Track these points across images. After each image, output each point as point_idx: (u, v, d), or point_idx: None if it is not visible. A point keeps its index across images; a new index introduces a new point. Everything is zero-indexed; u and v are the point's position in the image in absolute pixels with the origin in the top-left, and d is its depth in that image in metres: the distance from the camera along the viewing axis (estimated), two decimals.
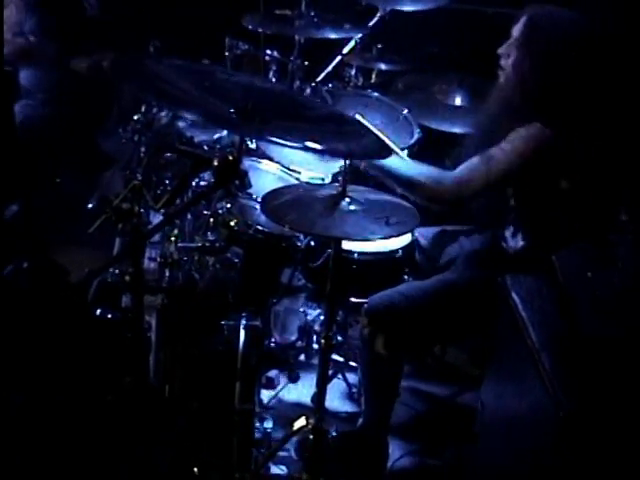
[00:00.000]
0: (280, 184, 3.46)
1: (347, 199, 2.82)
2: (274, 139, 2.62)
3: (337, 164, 3.41)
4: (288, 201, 2.90)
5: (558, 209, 3.05)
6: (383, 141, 3.02)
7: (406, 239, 3.50)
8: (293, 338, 3.96)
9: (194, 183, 3.29)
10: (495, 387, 2.73)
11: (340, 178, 2.87)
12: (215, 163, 2.56)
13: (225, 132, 3.66)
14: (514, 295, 2.52)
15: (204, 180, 3.32)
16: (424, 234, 3.60)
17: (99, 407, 2.86)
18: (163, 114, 3.38)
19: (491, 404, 2.72)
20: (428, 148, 3.96)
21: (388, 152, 2.90)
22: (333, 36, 4.07)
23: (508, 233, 3.25)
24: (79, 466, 2.70)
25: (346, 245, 3.34)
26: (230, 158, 2.57)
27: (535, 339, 2.36)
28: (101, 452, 2.84)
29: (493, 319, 2.78)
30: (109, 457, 2.85)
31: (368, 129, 2.92)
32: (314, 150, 2.65)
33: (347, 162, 2.81)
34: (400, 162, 3.11)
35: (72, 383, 2.67)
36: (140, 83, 2.51)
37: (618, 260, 2.46)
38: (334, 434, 3.43)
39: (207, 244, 3.12)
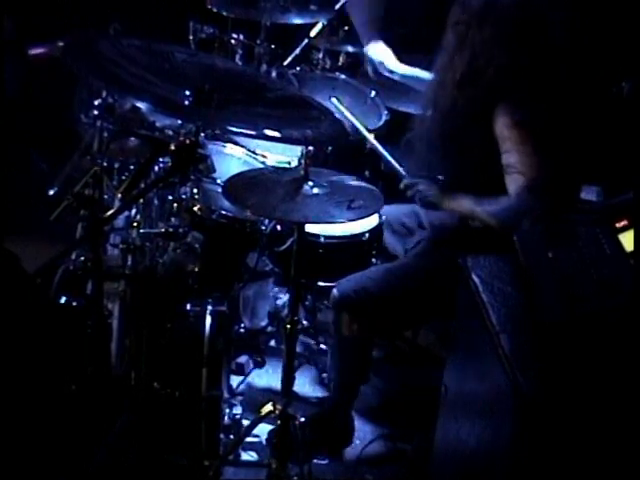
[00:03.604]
0: (245, 168, 3.43)
1: (310, 183, 2.80)
2: (230, 128, 2.59)
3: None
4: (250, 185, 2.88)
5: None
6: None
7: (373, 222, 3.48)
8: (263, 323, 3.95)
9: (158, 168, 3.25)
10: (457, 370, 2.72)
11: (303, 161, 2.85)
12: (172, 147, 2.55)
13: None
14: (474, 276, 2.50)
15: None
16: (394, 214, 3.55)
17: (62, 397, 2.83)
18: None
19: (454, 387, 2.71)
20: (396, 130, 3.94)
21: (346, 136, 2.87)
22: (299, 21, 4.04)
23: None
24: (41, 456, 2.67)
25: (313, 229, 3.33)
26: (187, 142, 2.55)
27: (495, 321, 2.34)
28: (65, 441, 2.81)
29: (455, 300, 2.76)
30: (74, 446, 2.83)
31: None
32: (273, 138, 2.62)
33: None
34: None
35: (32, 372, 2.64)
36: (92, 67, 2.47)
37: (579, 239, 2.44)
38: (302, 419, 3.42)
39: (170, 229, 3.09)
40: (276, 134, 2.53)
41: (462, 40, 3.07)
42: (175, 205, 3.20)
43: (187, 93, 2.54)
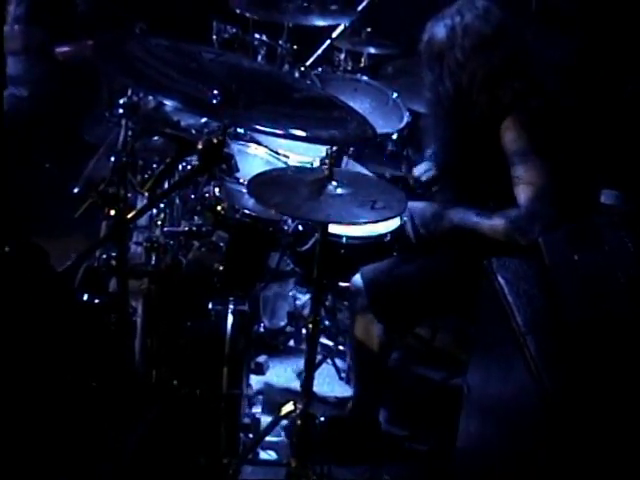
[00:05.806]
0: (268, 168, 3.44)
1: (334, 183, 2.80)
2: (257, 127, 2.60)
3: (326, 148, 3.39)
4: (274, 184, 2.88)
5: None
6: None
7: (395, 223, 3.48)
8: (282, 323, 3.96)
9: (181, 167, 3.26)
10: (481, 371, 2.72)
11: (327, 161, 2.85)
12: (199, 146, 2.55)
13: None
14: (500, 278, 2.50)
15: (191, 164, 3.29)
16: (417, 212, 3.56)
17: (83, 393, 2.84)
18: (150, 98, 3.34)
19: (477, 388, 2.71)
20: (417, 132, 3.95)
21: (373, 137, 2.87)
22: (321, 23, 4.05)
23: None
24: (61, 452, 2.68)
25: (335, 229, 3.33)
26: (215, 141, 2.55)
27: (520, 323, 2.35)
28: (85, 438, 2.82)
29: (478, 301, 2.76)
30: (93, 443, 2.84)
31: None
32: (299, 137, 2.63)
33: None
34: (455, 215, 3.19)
35: (55, 368, 2.65)
36: (121, 66, 2.48)
37: (604, 242, 2.45)
38: (322, 419, 3.42)
39: (193, 228, 3.09)
40: (304, 134, 2.54)
41: (440, 72, 3.18)
42: (198, 204, 3.21)
43: (215, 92, 2.54)
